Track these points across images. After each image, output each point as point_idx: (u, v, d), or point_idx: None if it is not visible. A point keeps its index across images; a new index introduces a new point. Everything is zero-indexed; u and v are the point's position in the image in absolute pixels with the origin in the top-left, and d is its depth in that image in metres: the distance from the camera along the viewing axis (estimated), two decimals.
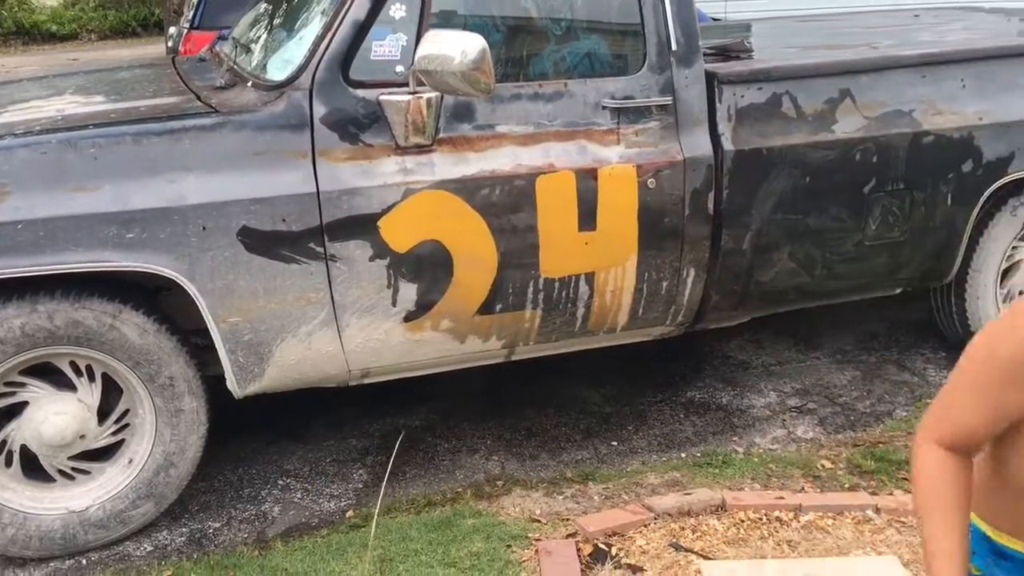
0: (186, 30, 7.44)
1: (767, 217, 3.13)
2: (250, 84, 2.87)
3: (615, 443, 3.33)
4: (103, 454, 2.81)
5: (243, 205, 2.60)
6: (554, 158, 2.86)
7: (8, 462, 2.72)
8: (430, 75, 2.57)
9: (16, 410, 2.70)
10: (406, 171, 2.73)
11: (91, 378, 2.72)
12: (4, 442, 2.70)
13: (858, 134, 3.16)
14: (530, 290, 2.94)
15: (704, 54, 3.07)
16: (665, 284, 3.09)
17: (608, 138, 2.92)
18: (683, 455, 3.24)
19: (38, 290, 2.56)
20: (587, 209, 2.90)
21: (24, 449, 2.72)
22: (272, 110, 2.68)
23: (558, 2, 2.92)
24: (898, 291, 3.57)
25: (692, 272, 3.11)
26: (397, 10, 2.73)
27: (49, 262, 2.49)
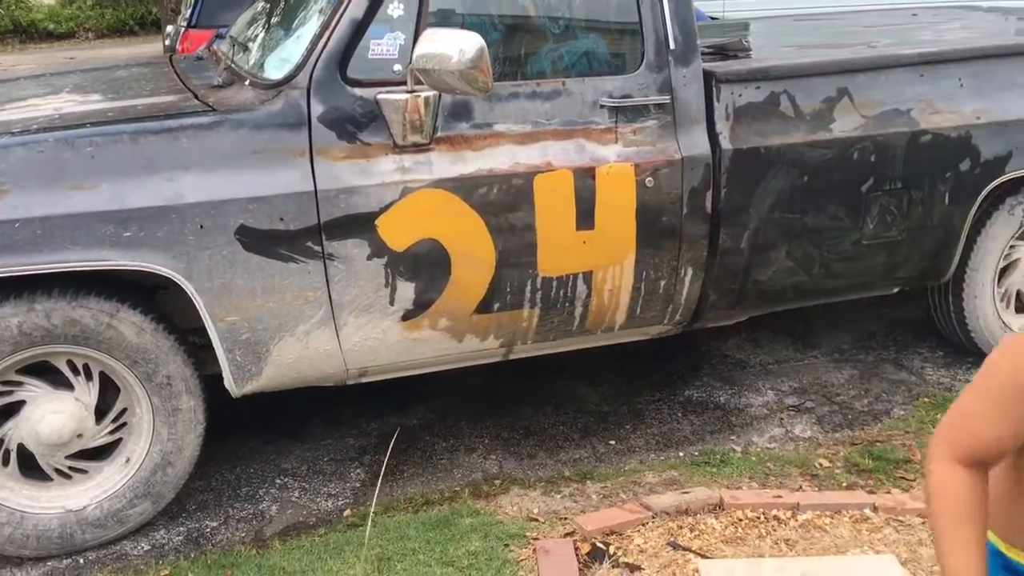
0: (183, 29, 7.43)
1: (765, 216, 3.13)
2: (248, 83, 2.87)
3: (613, 442, 3.33)
4: (100, 453, 2.81)
5: (241, 204, 2.60)
6: (552, 157, 2.86)
7: (5, 461, 2.71)
8: (428, 74, 2.57)
9: (13, 409, 2.70)
10: (404, 170, 2.73)
11: (88, 377, 2.72)
12: (1, 441, 2.70)
13: (856, 133, 3.17)
14: (528, 289, 2.94)
15: (702, 53, 3.06)
16: (663, 283, 3.10)
17: (606, 137, 2.92)
18: (681, 454, 3.24)
19: (35, 289, 2.55)
20: (585, 208, 2.90)
21: (21, 448, 2.71)
22: (270, 109, 2.67)
23: (556, 1, 2.92)
24: (896, 290, 3.57)
25: (690, 271, 3.11)
26: (395, 9, 2.73)
27: (46, 261, 2.48)
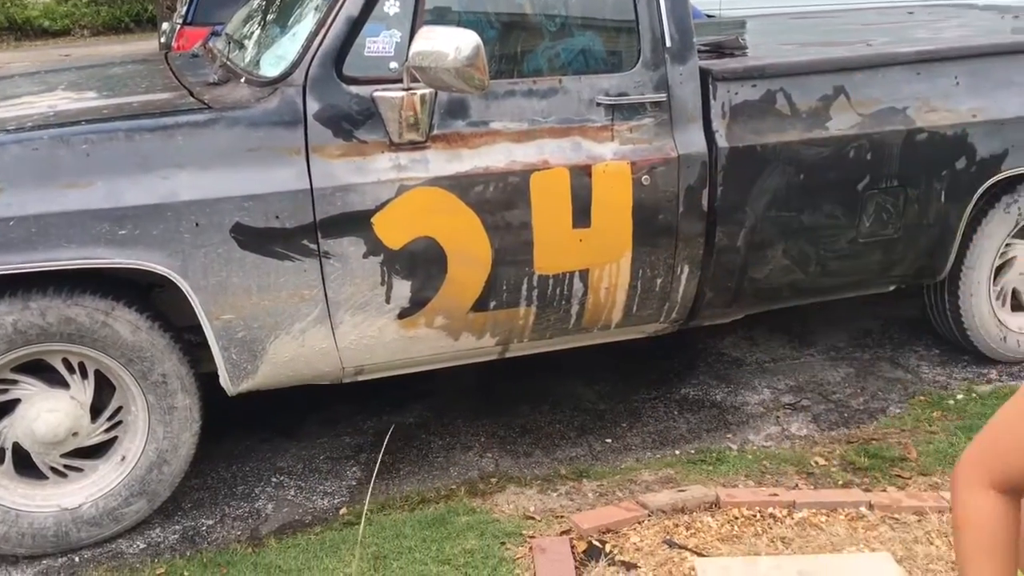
0: (179, 26, 7.41)
1: (761, 214, 3.13)
2: (243, 80, 2.86)
3: (609, 440, 3.33)
4: (96, 451, 2.81)
5: (236, 202, 2.59)
6: (548, 155, 2.86)
7: (0, 459, 2.71)
8: (424, 71, 2.56)
9: (8, 407, 2.69)
10: (400, 167, 2.72)
11: (84, 375, 2.71)
12: None
13: (852, 131, 3.17)
14: (524, 287, 2.93)
15: (699, 51, 3.06)
16: (659, 281, 3.09)
17: (602, 135, 2.92)
18: (677, 452, 3.24)
19: (30, 287, 2.55)
20: (581, 206, 2.89)
21: (16, 446, 2.71)
22: (265, 106, 2.67)
23: None
24: (892, 288, 3.57)
25: (686, 269, 3.11)
26: (391, 6, 2.73)
27: (41, 259, 2.48)
